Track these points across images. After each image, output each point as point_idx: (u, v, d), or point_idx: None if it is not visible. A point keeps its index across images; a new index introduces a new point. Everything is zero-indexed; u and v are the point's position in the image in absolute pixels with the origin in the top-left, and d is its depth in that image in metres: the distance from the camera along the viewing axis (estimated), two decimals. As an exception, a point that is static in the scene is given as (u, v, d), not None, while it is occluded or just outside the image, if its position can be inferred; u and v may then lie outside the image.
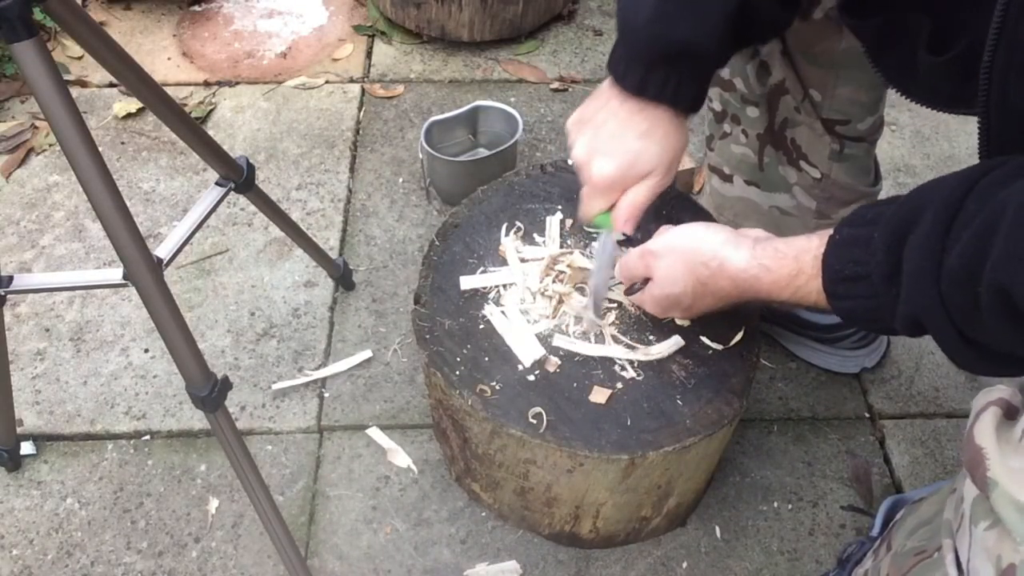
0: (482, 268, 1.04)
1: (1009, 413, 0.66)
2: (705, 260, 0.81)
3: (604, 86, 0.89)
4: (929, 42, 0.73)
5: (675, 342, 0.96)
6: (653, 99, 0.85)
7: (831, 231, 0.72)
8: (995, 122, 0.67)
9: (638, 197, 0.89)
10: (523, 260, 1.04)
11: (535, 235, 1.07)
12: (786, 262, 0.76)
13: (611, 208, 0.92)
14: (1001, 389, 0.67)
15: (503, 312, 0.99)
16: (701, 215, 1.09)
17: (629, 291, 0.94)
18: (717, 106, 1.15)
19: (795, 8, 0.88)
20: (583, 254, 1.04)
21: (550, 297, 1.00)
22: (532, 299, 1.00)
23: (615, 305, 1.00)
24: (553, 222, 1.08)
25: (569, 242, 1.06)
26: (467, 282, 1.01)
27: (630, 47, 0.85)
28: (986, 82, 0.65)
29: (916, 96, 0.81)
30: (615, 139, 0.87)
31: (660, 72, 0.83)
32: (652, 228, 0.90)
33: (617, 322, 0.99)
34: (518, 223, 1.08)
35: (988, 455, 0.62)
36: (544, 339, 0.97)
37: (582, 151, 0.90)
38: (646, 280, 0.89)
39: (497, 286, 1.02)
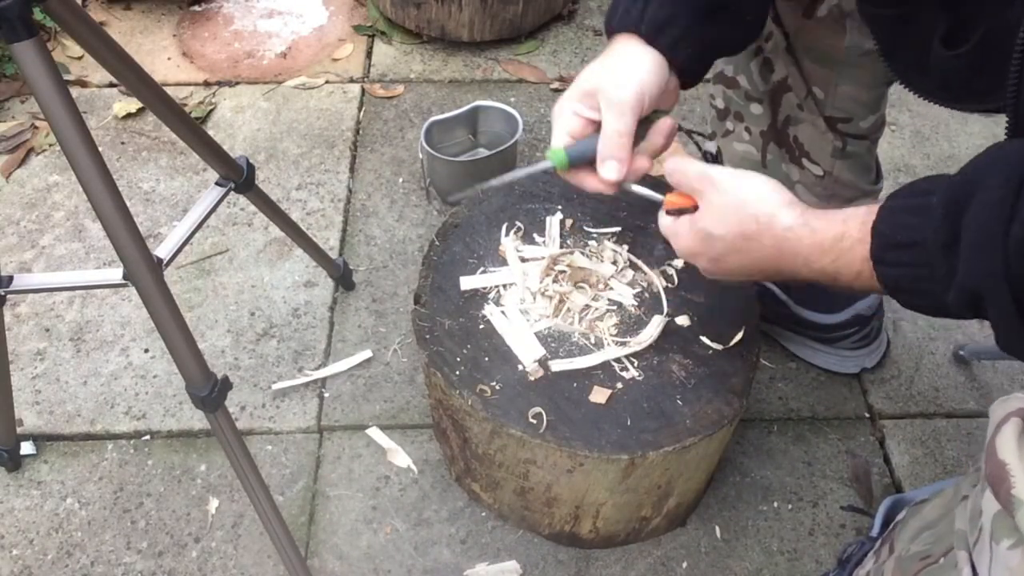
0: (482, 268, 1.04)
1: None
2: (758, 215, 0.75)
3: None
4: (945, 35, 0.73)
5: (658, 321, 0.97)
6: (619, 27, 0.81)
7: (882, 202, 0.68)
8: None
9: (606, 131, 0.80)
10: (523, 260, 1.04)
11: (535, 235, 1.07)
12: (833, 224, 0.71)
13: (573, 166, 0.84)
14: (1019, 398, 0.65)
15: (503, 312, 0.99)
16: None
17: (670, 212, 0.84)
18: (720, 103, 1.15)
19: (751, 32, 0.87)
20: (583, 253, 1.04)
21: (550, 297, 1.00)
22: (532, 299, 1.00)
23: (614, 307, 1.00)
24: (553, 222, 1.08)
25: (569, 242, 1.06)
26: (467, 283, 1.01)
27: None
28: (1016, 78, 0.62)
29: (927, 92, 0.80)
30: (586, 71, 0.82)
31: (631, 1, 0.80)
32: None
33: (617, 321, 0.99)
34: (518, 223, 1.08)
35: (1013, 472, 0.60)
36: (543, 338, 0.97)
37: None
38: (694, 208, 0.82)
39: (497, 286, 1.02)
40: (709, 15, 0.81)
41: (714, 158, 0.81)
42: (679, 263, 1.04)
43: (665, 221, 0.84)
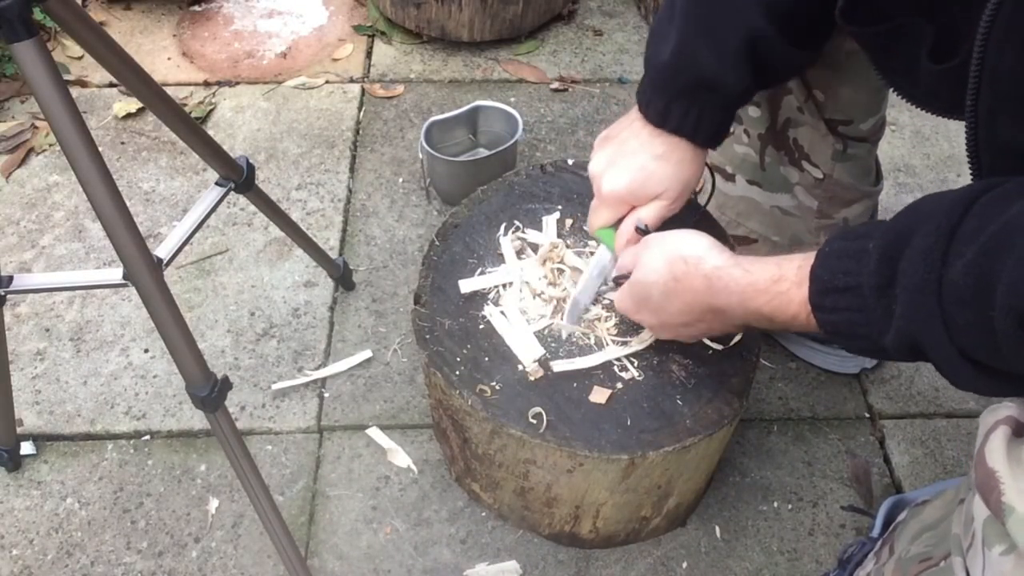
0: (481, 268, 1.04)
1: (1018, 431, 0.64)
2: (685, 256, 0.81)
3: (633, 109, 0.91)
4: (932, 50, 0.73)
5: None
6: (673, 130, 0.87)
7: (820, 247, 0.71)
8: (983, 132, 0.67)
9: (643, 218, 0.90)
10: (520, 257, 1.04)
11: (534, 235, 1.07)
12: (768, 267, 0.74)
13: (617, 225, 0.93)
14: (1008, 407, 0.65)
15: (502, 312, 0.99)
16: (703, 218, 1.09)
17: (618, 280, 0.93)
18: None
19: (812, 47, 0.88)
20: (577, 253, 1.04)
21: (546, 301, 1.00)
22: (532, 297, 1.00)
23: (607, 306, 1.00)
24: (550, 221, 1.08)
25: (569, 242, 1.06)
26: (466, 285, 1.01)
27: (654, 79, 0.87)
28: (973, 94, 0.65)
29: (919, 101, 0.81)
30: (631, 156, 0.89)
31: (681, 104, 0.85)
32: None
33: (618, 322, 0.99)
34: (517, 223, 1.08)
35: (1002, 479, 0.60)
36: (543, 338, 0.97)
37: (599, 164, 0.92)
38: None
39: (496, 286, 1.02)
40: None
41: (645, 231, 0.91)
42: None
43: (614, 295, 0.93)
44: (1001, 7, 0.60)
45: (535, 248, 1.05)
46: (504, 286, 1.02)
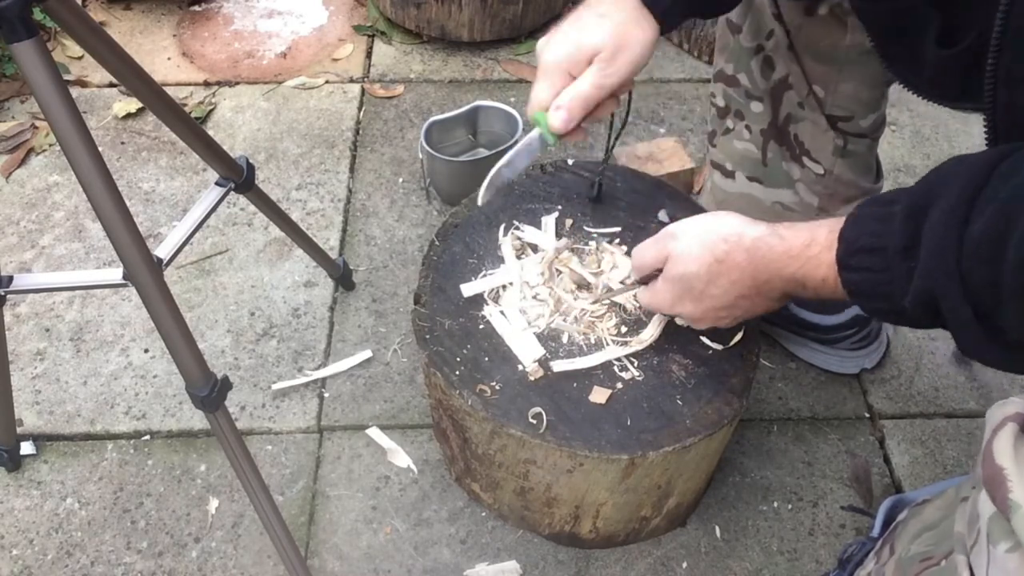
0: (482, 269, 1.04)
1: None
2: (724, 235, 0.80)
3: None
4: (938, 35, 0.73)
5: (658, 321, 0.97)
6: None
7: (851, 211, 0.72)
8: (1001, 119, 0.67)
9: (580, 86, 0.83)
10: (519, 257, 1.04)
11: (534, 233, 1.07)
12: (801, 233, 0.75)
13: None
14: (1015, 403, 0.65)
15: (502, 312, 0.99)
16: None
17: (642, 281, 0.91)
18: (720, 102, 1.15)
19: None
20: (580, 259, 1.04)
21: (543, 301, 1.00)
22: (531, 298, 1.00)
23: (614, 307, 1.00)
24: (549, 221, 1.08)
25: (570, 240, 1.06)
26: (468, 289, 1.01)
27: None
28: (991, 81, 0.65)
29: (922, 91, 0.81)
30: (573, 22, 0.85)
31: None
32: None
33: (618, 321, 0.99)
34: (516, 223, 1.08)
35: (1010, 476, 0.60)
36: (543, 338, 0.97)
37: (544, 39, 0.86)
38: (657, 273, 0.88)
39: (496, 287, 1.02)
40: None
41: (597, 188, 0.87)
42: None
43: (641, 294, 0.91)
44: None
45: (535, 248, 1.05)
46: (504, 286, 1.02)
